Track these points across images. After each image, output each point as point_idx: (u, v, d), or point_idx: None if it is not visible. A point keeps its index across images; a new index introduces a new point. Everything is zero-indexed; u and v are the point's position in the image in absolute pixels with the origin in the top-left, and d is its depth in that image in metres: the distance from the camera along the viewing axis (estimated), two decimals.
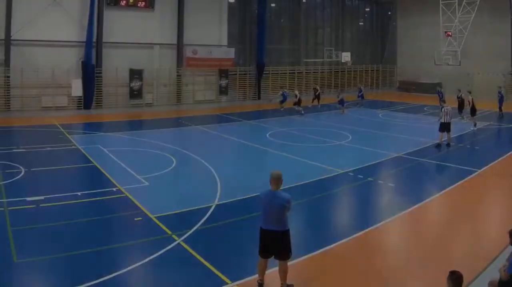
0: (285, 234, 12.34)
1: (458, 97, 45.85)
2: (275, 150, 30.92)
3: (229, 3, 62.16)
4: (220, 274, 13.17)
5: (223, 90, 60.80)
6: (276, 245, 12.28)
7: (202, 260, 14.05)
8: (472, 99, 41.02)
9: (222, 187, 22.05)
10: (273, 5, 68.85)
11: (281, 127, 39.97)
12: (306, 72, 70.54)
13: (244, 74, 63.71)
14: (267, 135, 36.13)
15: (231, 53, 61.35)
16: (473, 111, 40.88)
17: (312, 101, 55.23)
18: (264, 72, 64.12)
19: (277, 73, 66.51)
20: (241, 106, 55.16)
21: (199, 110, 51.27)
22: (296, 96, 50.01)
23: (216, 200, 19.99)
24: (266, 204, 12.34)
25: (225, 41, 61.35)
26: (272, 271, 12.77)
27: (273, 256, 12.46)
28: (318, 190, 22.10)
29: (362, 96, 56.37)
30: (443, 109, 32.18)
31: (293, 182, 21.38)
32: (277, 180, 12.28)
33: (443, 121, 31.63)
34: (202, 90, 59.49)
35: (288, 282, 12.46)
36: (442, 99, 36.26)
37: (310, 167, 26.25)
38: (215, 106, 55.84)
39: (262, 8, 63.02)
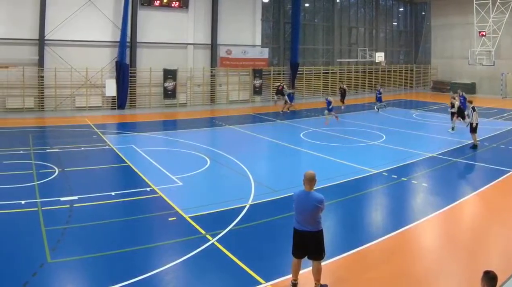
0: (319, 234, 12.09)
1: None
2: (309, 149, 30.34)
3: (263, 3, 60.87)
4: (254, 274, 12.95)
5: (257, 90, 59.52)
6: (310, 246, 12.03)
7: (236, 260, 13.82)
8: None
9: (256, 186, 21.65)
10: (307, 4, 66.71)
11: (314, 127, 38.90)
12: (339, 72, 68.86)
13: (278, 74, 62.01)
14: (301, 135, 35.34)
15: (265, 53, 60.15)
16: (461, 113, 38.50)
17: (342, 102, 52.29)
18: (298, 72, 62.58)
19: (311, 73, 65.16)
20: (275, 106, 53.02)
21: (233, 110, 50.32)
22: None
23: (250, 199, 19.66)
24: (299, 205, 12.07)
25: (259, 41, 60.15)
26: (306, 271, 12.55)
27: (306, 257, 12.22)
28: (352, 190, 21.51)
29: (380, 99, 51.63)
30: (472, 112, 30.67)
31: (326, 182, 21.27)
32: (310, 181, 12.05)
33: (475, 123, 30.52)
34: (236, 90, 58.31)
35: (322, 282, 12.28)
36: (468, 101, 33.47)
37: (344, 167, 25.59)
38: (249, 106, 54.96)
39: (296, 7, 61.54)
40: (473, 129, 30.46)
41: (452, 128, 37.33)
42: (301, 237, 12.05)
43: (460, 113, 36.49)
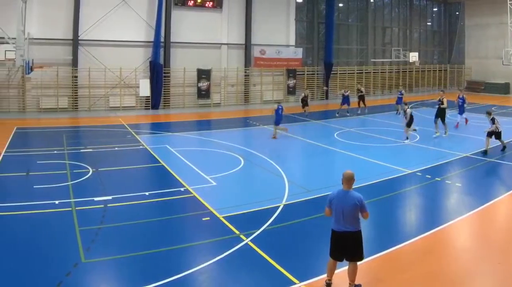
0: (358, 234, 11.81)
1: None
2: (343, 149, 29.56)
3: (297, 3, 59.48)
4: (288, 274, 12.67)
5: (290, 90, 57.94)
6: (348, 247, 11.73)
7: (270, 260, 13.55)
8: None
9: (290, 186, 21.17)
10: (341, 4, 65.11)
11: (348, 127, 37.94)
12: (373, 72, 67.13)
13: (312, 74, 60.76)
14: (335, 135, 34.60)
15: (299, 53, 58.71)
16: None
17: (359, 105, 47.38)
18: (332, 72, 61.10)
19: (345, 73, 63.45)
20: (308, 106, 50.33)
21: (267, 110, 47.27)
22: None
23: (284, 199, 19.28)
24: (338, 205, 11.74)
25: (293, 41, 58.89)
26: (341, 271, 12.30)
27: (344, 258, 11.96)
28: (386, 190, 21.02)
29: (400, 100, 46.45)
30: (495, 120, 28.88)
31: (361, 182, 20.00)
32: (349, 180, 11.83)
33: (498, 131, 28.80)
34: (269, 90, 56.89)
35: (356, 282, 11.95)
36: (487, 112, 30.25)
37: (378, 167, 24.97)
38: (283, 106, 53.30)
39: (330, 7, 60.39)
40: (497, 135, 28.79)
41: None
42: (340, 238, 11.72)
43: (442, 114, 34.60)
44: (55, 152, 27.04)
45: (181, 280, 12.34)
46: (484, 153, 27.81)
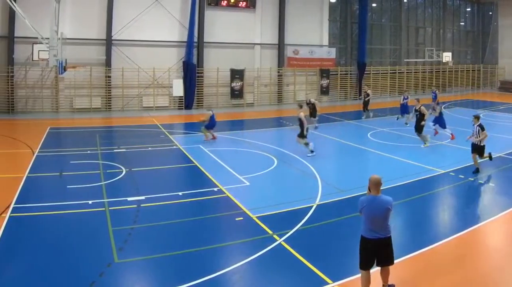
0: (390, 239, 11.27)
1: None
2: (376, 149, 28.69)
3: (330, 3, 57.92)
4: (321, 274, 12.39)
5: (324, 90, 56.52)
6: (381, 253, 11.15)
7: (303, 260, 13.26)
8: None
9: (323, 186, 20.64)
10: (374, 4, 63.49)
11: (382, 127, 36.83)
12: (407, 72, 65.24)
13: (345, 74, 59.28)
14: (368, 135, 33.67)
15: (332, 53, 57.25)
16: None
17: (363, 109, 43.72)
18: (365, 72, 59.50)
19: (378, 73, 61.95)
20: (342, 106, 51.57)
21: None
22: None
23: (317, 199, 18.81)
24: (371, 211, 11.05)
25: (326, 41, 57.32)
26: (373, 272, 11.44)
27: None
28: (419, 190, 20.40)
29: (405, 107, 41.66)
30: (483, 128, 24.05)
31: (394, 182, 20.61)
32: (377, 185, 11.19)
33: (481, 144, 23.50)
34: (303, 90, 55.30)
35: (389, 282, 11.63)
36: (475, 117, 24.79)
37: (411, 167, 24.25)
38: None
39: (363, 7, 58.72)
40: (477, 149, 23.36)
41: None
42: (373, 246, 11.09)
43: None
44: (88, 152, 26.62)
45: (214, 280, 12.12)
46: (476, 171, 23.00)
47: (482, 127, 22.78)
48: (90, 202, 17.97)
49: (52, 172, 22.20)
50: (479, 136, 22.71)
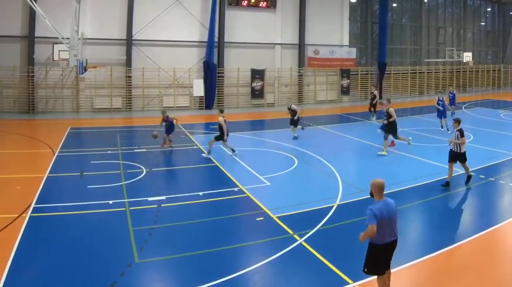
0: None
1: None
2: (396, 149, 28.04)
3: (351, 3, 56.90)
4: (342, 274, 12.21)
5: (344, 90, 55.56)
6: (391, 255, 10.89)
7: (324, 260, 13.07)
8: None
9: (344, 186, 20.37)
10: (394, 4, 62.27)
11: (402, 127, 33.73)
12: (427, 72, 64.10)
13: (366, 74, 58.26)
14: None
15: (352, 53, 56.26)
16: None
17: (370, 109, 42.12)
18: (386, 72, 58.38)
19: (399, 73, 60.86)
20: (362, 106, 49.96)
21: (321, 110, 47.42)
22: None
23: (338, 199, 18.56)
24: (385, 216, 10.44)
25: (346, 41, 56.23)
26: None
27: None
28: (439, 190, 19.94)
29: (453, 101, 41.69)
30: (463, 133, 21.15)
31: (414, 182, 20.60)
32: (383, 189, 10.75)
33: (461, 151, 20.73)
34: (323, 90, 54.54)
35: (411, 282, 12.08)
36: (456, 121, 21.39)
37: (431, 166, 23.73)
38: (337, 106, 51.56)
39: (383, 7, 57.32)
40: (457, 157, 20.59)
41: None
42: (386, 250, 10.73)
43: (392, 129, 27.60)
44: (109, 152, 26.31)
45: (235, 280, 11.95)
46: (446, 184, 20.20)
47: (462, 133, 20.37)
48: (110, 202, 17.78)
49: (73, 172, 21.90)
50: (460, 141, 20.28)
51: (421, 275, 12.45)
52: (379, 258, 10.75)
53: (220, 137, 25.68)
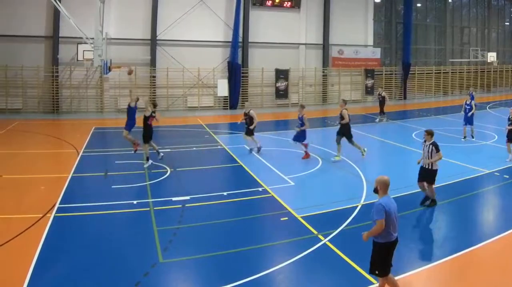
0: None
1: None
2: (421, 149, 26.33)
3: (375, 3, 55.46)
4: (366, 274, 11.66)
5: (368, 90, 54.26)
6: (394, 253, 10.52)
7: (348, 260, 12.74)
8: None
9: (368, 186, 19.79)
10: (419, 4, 60.80)
11: (427, 127, 34.58)
12: (452, 72, 62.61)
13: (390, 74, 56.86)
14: (413, 135, 32.58)
15: (377, 53, 54.94)
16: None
17: (381, 112, 40.31)
18: (410, 72, 57.31)
19: (423, 73, 59.50)
20: (387, 107, 46.52)
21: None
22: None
23: (362, 199, 18.09)
24: (391, 212, 10.25)
25: (371, 41, 55.00)
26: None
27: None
28: (463, 190, 19.62)
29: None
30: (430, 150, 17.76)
31: (439, 182, 18.92)
32: (388, 185, 10.55)
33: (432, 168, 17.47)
34: (347, 90, 53.26)
35: (438, 281, 11.76)
36: (427, 132, 18.15)
37: (455, 167, 23.16)
38: (361, 106, 50.24)
39: (408, 7, 56.48)
40: (427, 176, 17.31)
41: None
42: (393, 247, 10.48)
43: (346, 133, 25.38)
44: (133, 152, 25.43)
45: (259, 280, 11.74)
46: (424, 201, 17.32)
47: (437, 147, 17.09)
48: (135, 202, 17.56)
49: (97, 172, 21.52)
50: (430, 158, 17.07)
51: (448, 274, 12.21)
52: (389, 257, 10.49)
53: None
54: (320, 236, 14.35)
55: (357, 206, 17.26)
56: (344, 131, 25.02)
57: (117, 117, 39.75)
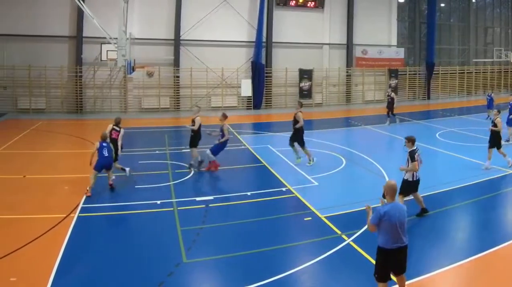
0: (407, 246, 10.06)
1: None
2: (445, 149, 27.03)
3: (399, 3, 53.82)
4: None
5: (392, 90, 53.86)
6: (400, 262, 10.06)
7: (372, 260, 11.82)
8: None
9: None
10: (442, 4, 59.05)
11: (451, 127, 34.90)
12: (475, 72, 60.72)
13: (414, 74, 55.09)
14: (437, 135, 32.01)
15: (400, 53, 53.46)
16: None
17: (388, 114, 37.44)
18: (434, 72, 55.68)
19: (447, 73, 57.65)
20: (410, 107, 48.51)
21: (369, 110, 45.31)
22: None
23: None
24: (395, 219, 9.75)
25: (394, 41, 53.39)
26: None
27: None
28: (487, 190, 19.33)
29: (490, 105, 37.37)
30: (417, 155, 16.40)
31: (463, 182, 19.89)
32: (395, 191, 10.12)
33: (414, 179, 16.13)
34: (371, 90, 52.04)
35: (463, 282, 11.54)
36: (408, 139, 16.56)
37: (480, 167, 22.60)
38: (385, 106, 47.05)
39: (431, 8, 54.69)
40: (407, 186, 15.82)
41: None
42: (393, 255, 9.95)
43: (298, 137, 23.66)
44: (157, 152, 25.60)
45: (282, 280, 11.51)
46: (424, 212, 15.95)
47: (412, 157, 15.72)
48: (158, 202, 17.30)
49: (120, 171, 20.77)
50: (406, 166, 15.76)
51: (469, 275, 12.02)
52: (383, 263, 10.12)
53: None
54: (344, 236, 14.16)
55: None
56: (297, 137, 23.43)
57: (140, 117, 39.19)
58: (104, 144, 18.66)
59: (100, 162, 18.43)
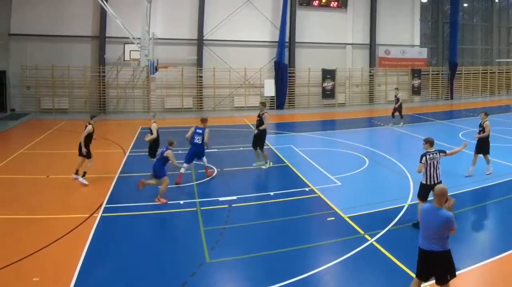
0: (446, 254, 9.42)
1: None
2: (468, 150, 25.19)
3: (422, 3, 52.06)
4: (413, 275, 10.69)
5: (415, 90, 51.16)
6: (438, 267, 9.50)
7: (395, 260, 12.22)
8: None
9: (415, 186, 18.33)
10: (465, 4, 57.14)
11: (474, 127, 31.48)
12: (498, 72, 58.68)
13: (437, 74, 53.47)
14: (460, 135, 31.31)
15: (423, 53, 51.67)
16: None
17: (393, 114, 36.40)
18: (457, 72, 53.92)
19: (470, 73, 55.74)
20: (433, 106, 47.37)
21: (391, 110, 43.90)
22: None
23: (409, 199, 17.30)
24: (426, 219, 9.52)
25: (417, 41, 51.70)
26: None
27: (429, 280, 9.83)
28: (509, 190, 18.48)
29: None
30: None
31: (485, 182, 19.45)
32: (441, 196, 9.44)
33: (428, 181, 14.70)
34: (394, 90, 51.83)
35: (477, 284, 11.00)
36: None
37: (503, 167, 22.29)
38: (408, 106, 46.36)
39: (454, 7, 52.62)
40: (420, 190, 14.65)
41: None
42: (426, 257, 9.56)
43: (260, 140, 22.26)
44: (180, 152, 24.13)
45: (305, 280, 11.26)
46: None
47: (421, 158, 14.77)
48: (181, 202, 17.07)
49: (143, 172, 20.36)
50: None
51: (492, 275, 11.69)
52: (419, 261, 9.81)
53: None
54: (367, 236, 13.90)
55: (404, 206, 16.60)
56: (261, 139, 22.18)
57: (164, 117, 38.25)
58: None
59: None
